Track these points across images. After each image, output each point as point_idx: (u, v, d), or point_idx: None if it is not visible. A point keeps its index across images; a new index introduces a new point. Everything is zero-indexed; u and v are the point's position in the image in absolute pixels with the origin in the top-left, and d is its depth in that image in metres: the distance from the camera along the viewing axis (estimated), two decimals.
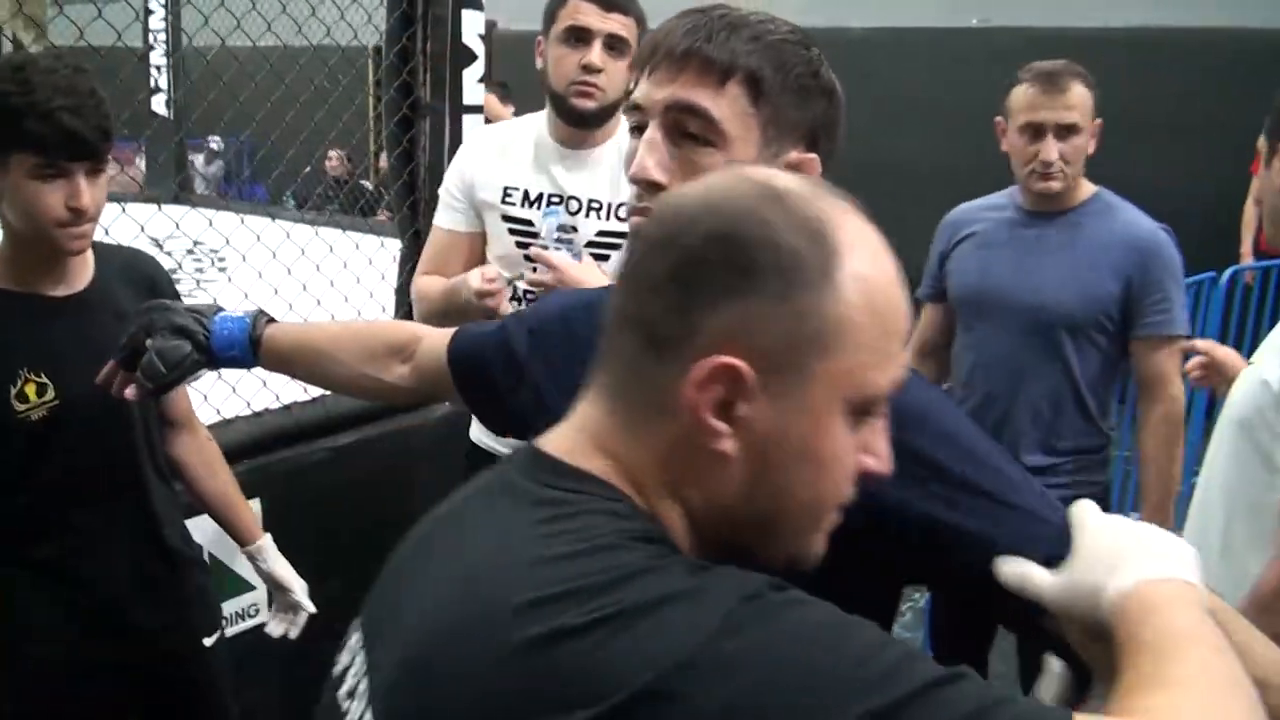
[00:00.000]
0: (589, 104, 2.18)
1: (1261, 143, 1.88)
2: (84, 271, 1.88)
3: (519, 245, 2.24)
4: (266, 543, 2.17)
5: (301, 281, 2.95)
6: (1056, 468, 2.51)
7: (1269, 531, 1.69)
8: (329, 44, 3.41)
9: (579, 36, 2.18)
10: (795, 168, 1.11)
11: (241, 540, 2.16)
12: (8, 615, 1.84)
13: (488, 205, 2.29)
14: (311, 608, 2.18)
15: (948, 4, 7.44)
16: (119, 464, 1.92)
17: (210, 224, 2.97)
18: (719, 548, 0.79)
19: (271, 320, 1.60)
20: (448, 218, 2.35)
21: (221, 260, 4.29)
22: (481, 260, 2.29)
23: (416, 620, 0.78)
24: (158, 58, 5.98)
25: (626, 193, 1.19)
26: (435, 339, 1.47)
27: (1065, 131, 2.48)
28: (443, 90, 3.04)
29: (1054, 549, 0.94)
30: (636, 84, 1.14)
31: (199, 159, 8.55)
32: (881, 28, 7.64)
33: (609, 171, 2.22)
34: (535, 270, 2.04)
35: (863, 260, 0.78)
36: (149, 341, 1.57)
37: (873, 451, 0.82)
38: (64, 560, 1.86)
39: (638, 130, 1.13)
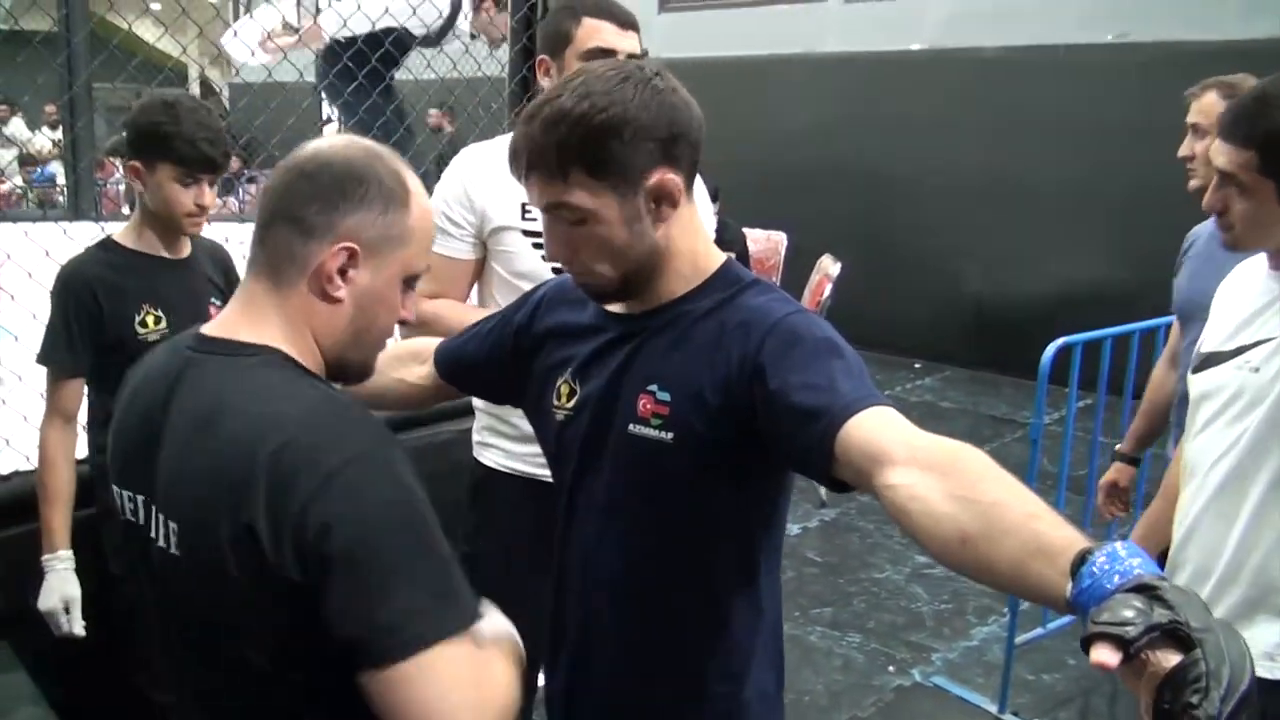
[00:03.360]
0: None
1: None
2: (186, 247, 2.58)
3: (546, 259, 2.24)
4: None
5: None
6: None
7: None
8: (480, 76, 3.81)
9: (604, 57, 2.16)
10: (656, 191, 1.42)
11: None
12: None
13: (503, 227, 2.32)
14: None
15: (1083, 20, 7.45)
16: None
17: None
18: (334, 360, 1.36)
19: None
20: (447, 244, 2.34)
21: None
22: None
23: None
24: None
25: None
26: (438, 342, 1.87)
27: None
28: None
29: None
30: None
31: None
32: (1016, 46, 7.72)
33: None
34: None
35: (420, 196, 1.36)
36: None
37: (406, 308, 1.39)
38: None
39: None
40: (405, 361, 1.86)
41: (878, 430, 1.25)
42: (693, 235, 1.51)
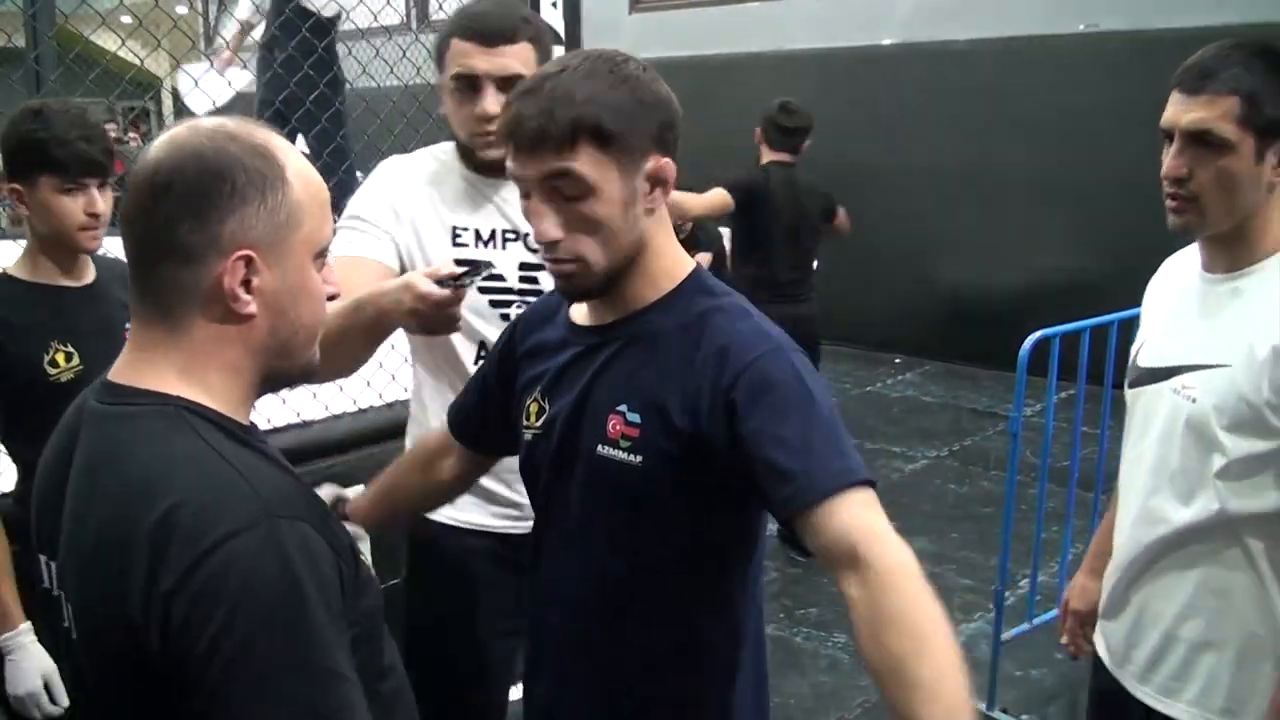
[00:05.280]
0: (495, 153, 1.91)
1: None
2: (89, 271, 2.34)
3: (482, 291, 2.01)
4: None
5: None
6: None
7: None
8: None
9: (469, 84, 1.97)
10: (654, 175, 1.42)
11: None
12: None
13: (432, 250, 2.04)
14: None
15: (1053, 10, 7.45)
16: None
17: None
18: (266, 378, 1.20)
19: (345, 500, 1.84)
20: (361, 243, 2.02)
21: None
22: None
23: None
24: None
25: None
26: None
27: None
28: None
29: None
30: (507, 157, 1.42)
31: None
32: (986, 38, 7.71)
33: None
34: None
35: (296, 161, 1.16)
36: None
37: (329, 281, 1.22)
38: None
39: (525, 194, 1.43)
40: (429, 465, 1.81)
41: (842, 532, 1.27)
42: (668, 234, 1.50)
